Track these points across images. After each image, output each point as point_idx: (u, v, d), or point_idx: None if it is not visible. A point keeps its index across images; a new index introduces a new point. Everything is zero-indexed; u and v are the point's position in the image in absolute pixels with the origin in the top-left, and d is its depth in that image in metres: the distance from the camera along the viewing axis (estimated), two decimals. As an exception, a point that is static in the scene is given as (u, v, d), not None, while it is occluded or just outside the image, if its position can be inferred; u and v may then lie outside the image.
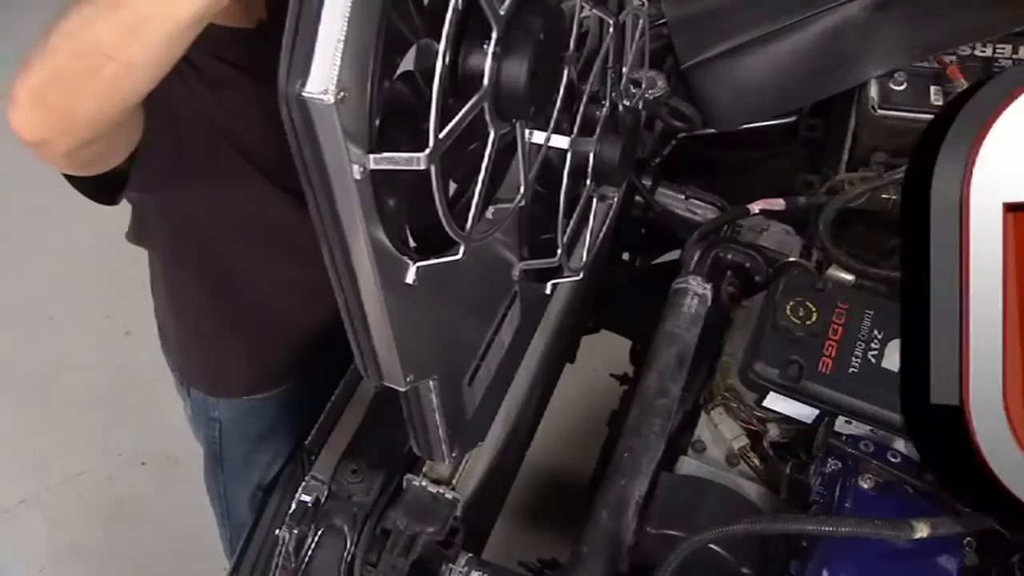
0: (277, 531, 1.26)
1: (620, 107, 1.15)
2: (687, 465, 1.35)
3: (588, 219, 1.18)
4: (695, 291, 1.45)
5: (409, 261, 0.84)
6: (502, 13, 0.79)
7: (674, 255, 1.67)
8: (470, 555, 1.24)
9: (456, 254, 0.86)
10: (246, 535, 1.34)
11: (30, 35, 0.91)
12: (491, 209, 0.97)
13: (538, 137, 0.95)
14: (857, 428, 1.29)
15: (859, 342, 1.31)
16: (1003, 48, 1.70)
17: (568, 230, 1.10)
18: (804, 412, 1.31)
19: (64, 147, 0.94)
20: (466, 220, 0.86)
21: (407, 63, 0.82)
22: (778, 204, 1.60)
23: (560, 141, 0.99)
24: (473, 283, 1.04)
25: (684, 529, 1.18)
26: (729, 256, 1.53)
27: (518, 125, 0.92)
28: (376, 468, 1.26)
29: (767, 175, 1.86)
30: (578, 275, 1.20)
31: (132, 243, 1.48)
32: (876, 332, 1.32)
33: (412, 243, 0.88)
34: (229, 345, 1.52)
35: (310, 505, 1.24)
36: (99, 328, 2.82)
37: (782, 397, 1.31)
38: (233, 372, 1.56)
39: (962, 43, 1.67)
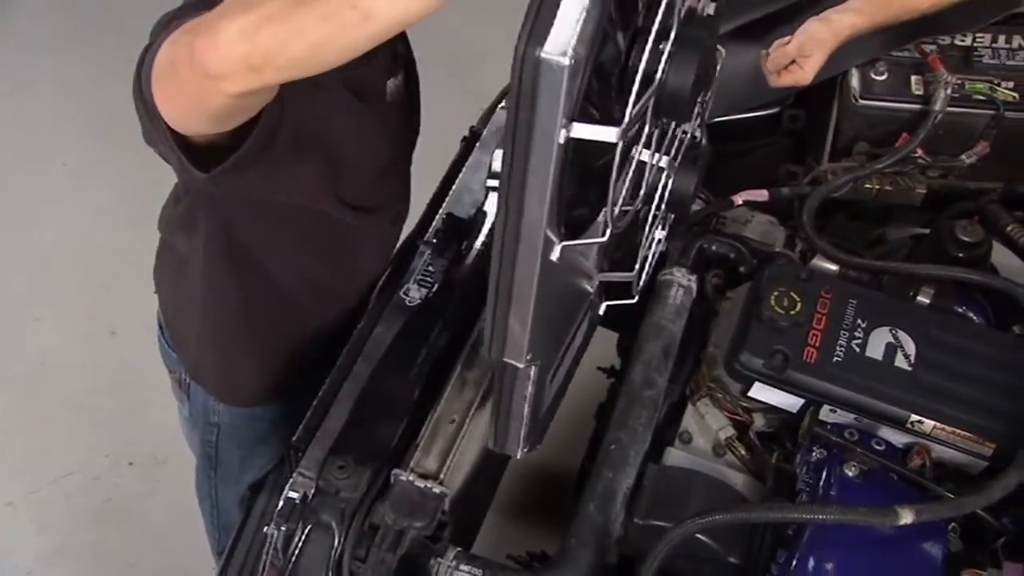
0: (265, 529, 1.26)
1: (700, 140, 1.19)
2: (674, 456, 1.36)
3: (652, 246, 1.19)
4: (680, 283, 1.46)
5: (555, 239, 0.90)
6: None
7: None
8: (459, 549, 1.24)
9: (603, 237, 0.95)
10: (234, 534, 1.34)
11: (26, 37, 0.91)
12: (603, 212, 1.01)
13: (644, 155, 1.02)
14: (842, 416, 1.29)
15: (843, 331, 1.32)
16: (983, 38, 1.71)
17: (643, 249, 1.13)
18: (789, 402, 1.32)
19: (239, 87, 0.94)
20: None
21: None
22: (762, 195, 1.60)
23: (663, 161, 1.05)
24: (572, 281, 1.11)
25: (671, 520, 1.18)
26: (714, 247, 1.53)
27: (658, 131, 1.01)
28: (363, 463, 1.27)
29: (751, 166, 1.86)
30: (633, 299, 1.24)
31: (165, 234, 1.51)
32: (860, 321, 1.33)
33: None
34: (249, 349, 1.52)
35: (298, 502, 1.24)
36: (85, 329, 2.81)
37: (767, 387, 1.31)
38: (247, 378, 1.56)
39: (943, 33, 1.68)
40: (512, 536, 1.87)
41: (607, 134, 0.83)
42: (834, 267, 1.51)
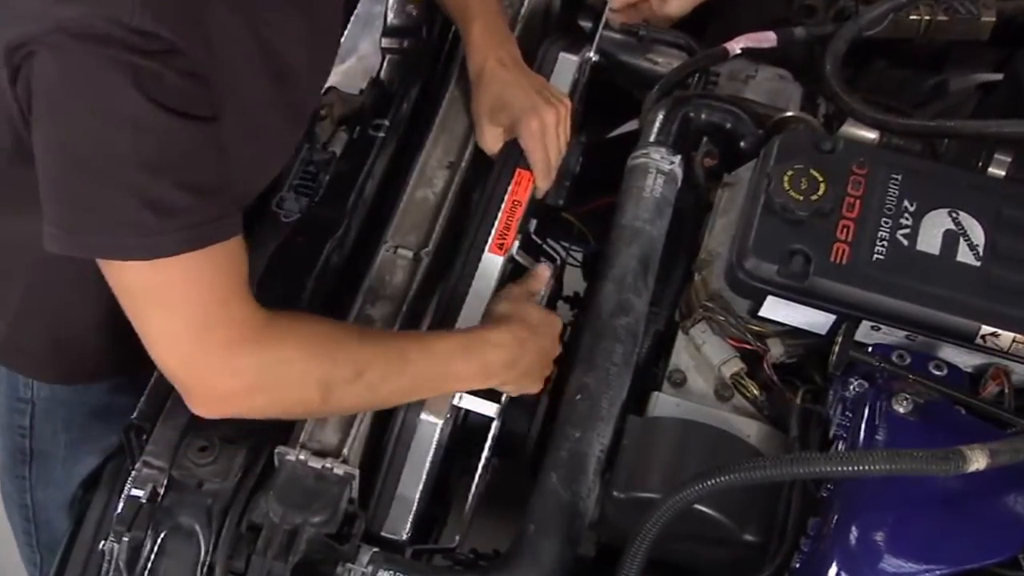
0: (102, 544, 1.26)
1: None
2: (663, 404, 1.39)
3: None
4: (659, 167, 1.47)
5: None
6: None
7: (632, 126, 1.68)
8: (375, 550, 1.26)
9: (454, 544, 1.42)
10: (61, 554, 1.34)
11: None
12: None
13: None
14: (888, 335, 1.33)
15: (884, 219, 1.34)
16: None
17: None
18: (816, 320, 1.35)
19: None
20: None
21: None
22: (768, 39, 1.62)
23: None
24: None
25: (662, 489, 1.21)
26: (703, 116, 1.55)
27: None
28: (234, 442, 1.27)
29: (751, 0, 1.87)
30: None
31: None
32: (907, 203, 1.36)
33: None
34: (76, 318, 1.49)
35: (145, 501, 1.24)
36: None
37: (785, 302, 1.34)
38: (84, 352, 1.53)
39: None
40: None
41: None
42: (872, 134, 1.53)
